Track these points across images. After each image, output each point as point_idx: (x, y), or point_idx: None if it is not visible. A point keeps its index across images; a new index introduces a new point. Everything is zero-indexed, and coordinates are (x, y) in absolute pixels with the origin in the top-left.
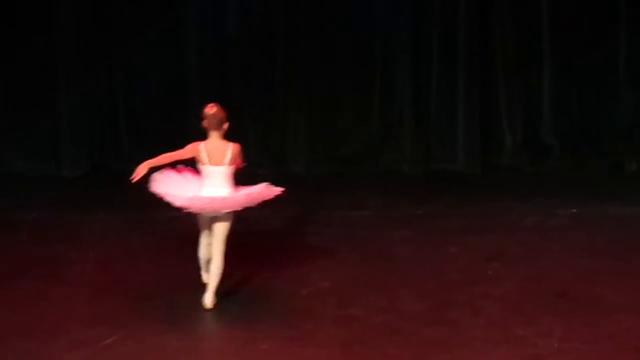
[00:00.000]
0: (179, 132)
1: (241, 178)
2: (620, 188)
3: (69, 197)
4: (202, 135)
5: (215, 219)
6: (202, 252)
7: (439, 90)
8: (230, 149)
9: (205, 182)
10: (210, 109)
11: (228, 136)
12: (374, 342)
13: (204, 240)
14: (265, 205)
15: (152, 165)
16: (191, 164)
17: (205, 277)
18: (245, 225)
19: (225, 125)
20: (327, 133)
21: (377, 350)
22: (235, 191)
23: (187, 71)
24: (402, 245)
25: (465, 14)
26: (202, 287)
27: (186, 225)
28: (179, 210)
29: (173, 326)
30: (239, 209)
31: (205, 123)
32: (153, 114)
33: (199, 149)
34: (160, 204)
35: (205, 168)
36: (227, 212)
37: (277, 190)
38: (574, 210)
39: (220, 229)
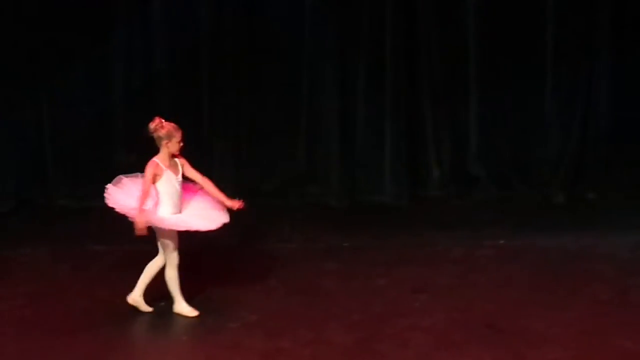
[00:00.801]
0: (105, 167)
1: None
2: (547, 219)
3: None
4: (129, 170)
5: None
6: (148, 267)
7: (365, 122)
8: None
9: None
10: (150, 123)
11: None
12: None
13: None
14: (193, 238)
15: None
16: None
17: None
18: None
19: (165, 142)
20: (253, 166)
21: None
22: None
23: (115, 106)
24: (330, 278)
25: (391, 45)
26: (132, 320)
27: (114, 258)
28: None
29: None
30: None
31: None
32: (80, 149)
33: None
34: (87, 238)
35: None
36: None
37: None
38: (501, 242)
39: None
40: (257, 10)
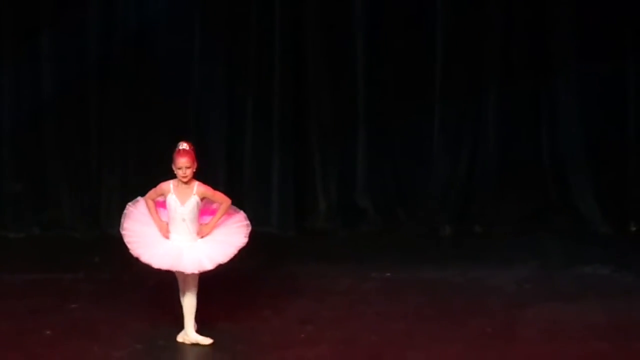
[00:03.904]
0: None
1: None
2: (434, 252)
3: None
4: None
5: None
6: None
7: (252, 153)
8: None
9: None
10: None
11: None
12: None
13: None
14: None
15: None
16: None
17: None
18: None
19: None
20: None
21: None
22: None
23: (1, 135)
24: (215, 307)
25: (280, 79)
26: None
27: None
28: None
29: None
30: None
31: None
32: None
33: None
34: None
35: None
36: None
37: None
38: (388, 274)
39: None
40: (146, 45)
